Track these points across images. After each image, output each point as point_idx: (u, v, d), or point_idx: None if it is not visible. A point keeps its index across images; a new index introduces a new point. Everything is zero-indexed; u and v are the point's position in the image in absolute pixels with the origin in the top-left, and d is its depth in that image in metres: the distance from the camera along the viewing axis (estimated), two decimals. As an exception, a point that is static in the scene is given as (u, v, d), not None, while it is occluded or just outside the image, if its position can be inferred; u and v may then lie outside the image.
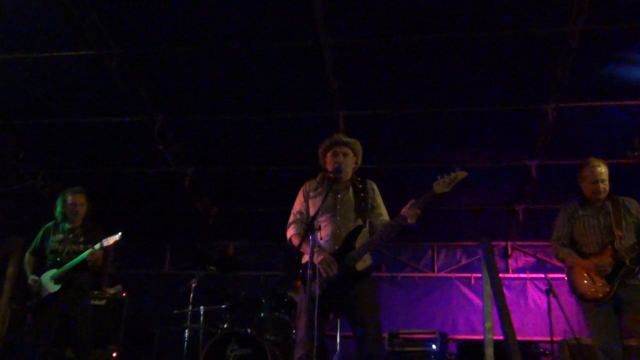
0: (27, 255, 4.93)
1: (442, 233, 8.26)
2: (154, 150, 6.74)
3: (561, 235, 4.30)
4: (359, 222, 3.79)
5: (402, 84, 6.06)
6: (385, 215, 3.90)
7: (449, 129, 6.53)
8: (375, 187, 4.00)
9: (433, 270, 8.42)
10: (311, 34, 5.39)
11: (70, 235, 4.91)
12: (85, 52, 5.62)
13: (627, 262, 3.90)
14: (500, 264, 8.41)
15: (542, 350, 5.38)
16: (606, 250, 4.02)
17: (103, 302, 5.65)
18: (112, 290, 5.95)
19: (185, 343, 5.69)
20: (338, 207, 3.80)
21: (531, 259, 8.32)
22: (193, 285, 5.80)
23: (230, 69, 5.98)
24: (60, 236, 4.92)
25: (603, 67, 5.27)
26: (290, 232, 3.90)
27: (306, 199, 3.95)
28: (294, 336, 5.40)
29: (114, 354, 5.37)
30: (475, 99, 6.09)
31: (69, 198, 5.01)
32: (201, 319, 5.67)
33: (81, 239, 4.88)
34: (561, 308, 5.42)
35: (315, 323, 3.26)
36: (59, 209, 5.00)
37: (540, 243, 8.29)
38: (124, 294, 5.93)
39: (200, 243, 8.74)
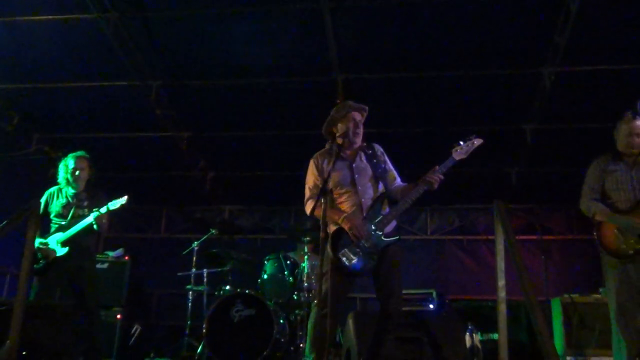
0: (31, 219, 4.97)
1: (435, 196, 8.35)
2: (151, 115, 6.72)
3: (592, 190, 4.20)
4: (380, 189, 3.86)
5: (399, 47, 6.06)
6: (398, 178, 3.97)
7: (444, 92, 6.57)
8: (382, 150, 4.06)
9: (426, 233, 8.58)
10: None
11: (75, 200, 4.94)
12: (83, 16, 5.53)
13: None
14: (491, 226, 8.58)
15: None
16: (638, 207, 3.94)
17: (106, 265, 5.72)
18: (114, 254, 6.01)
19: (189, 305, 5.79)
20: (357, 176, 3.84)
21: (522, 222, 8.49)
22: (195, 248, 5.87)
23: (229, 34, 5.94)
24: (64, 201, 4.95)
25: (601, 31, 5.29)
26: (310, 207, 3.83)
27: (321, 172, 3.91)
28: (295, 297, 5.55)
29: (118, 316, 5.45)
30: (472, 63, 6.12)
31: (71, 163, 5.02)
32: (204, 280, 5.76)
33: (85, 203, 4.91)
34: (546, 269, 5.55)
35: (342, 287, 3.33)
36: (62, 173, 5.01)
37: (531, 206, 8.49)
38: (127, 257, 5.99)
39: (196, 207, 8.83)
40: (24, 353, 2.80)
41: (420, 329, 2.80)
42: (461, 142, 3.74)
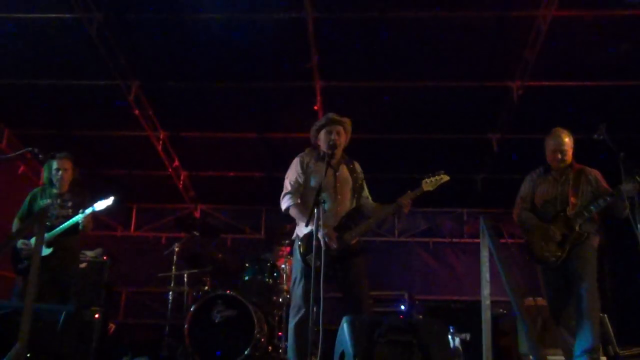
0: (15, 221, 4.99)
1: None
2: (128, 114, 6.76)
3: (523, 200, 4.55)
4: (355, 203, 4.07)
5: (376, 57, 6.27)
6: (368, 197, 4.20)
7: (415, 102, 6.82)
8: (360, 169, 4.28)
9: (394, 235, 8.85)
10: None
11: (58, 200, 4.96)
12: (66, 15, 5.55)
13: (577, 228, 4.17)
14: (456, 229, 8.95)
15: (500, 310, 5.87)
16: (559, 217, 4.26)
17: (84, 265, 5.74)
18: (92, 254, 6.03)
19: (169, 305, 5.87)
20: (338, 185, 4.04)
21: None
22: (176, 249, 5.95)
23: (209, 37, 6.02)
24: (47, 201, 4.97)
25: (570, 50, 5.62)
26: (287, 203, 4.05)
27: (304, 170, 4.11)
28: (274, 299, 5.70)
29: (96, 316, 5.48)
30: (445, 75, 6.39)
31: (55, 164, 5.03)
32: (185, 281, 5.85)
33: (69, 204, 4.94)
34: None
35: (317, 290, 3.50)
36: (46, 174, 5.04)
37: (494, 211, 8.86)
38: (105, 257, 6.02)
39: (168, 206, 8.87)
40: (28, 355, 2.86)
41: (410, 333, 3.00)
42: (430, 176, 4.04)
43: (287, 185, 4.13)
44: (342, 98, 6.58)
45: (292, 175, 4.15)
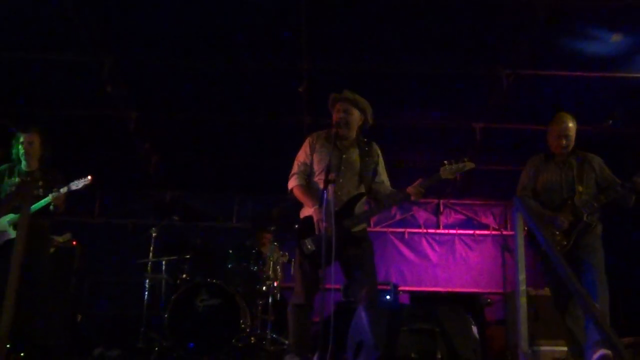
0: (-21, 199, 4.55)
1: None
2: (98, 92, 6.32)
3: (524, 188, 4.42)
4: (362, 188, 3.85)
5: (366, 39, 6.06)
6: (386, 182, 3.99)
7: (403, 87, 6.65)
8: (380, 152, 4.04)
9: (369, 225, 8.69)
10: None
11: (28, 179, 4.56)
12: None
13: (585, 217, 4.07)
14: (431, 220, 8.88)
15: (488, 300, 5.79)
16: (566, 206, 4.16)
17: (52, 250, 5.32)
18: (61, 239, 5.62)
19: (146, 294, 5.52)
20: (342, 168, 3.83)
21: (461, 216, 8.83)
22: (153, 235, 5.60)
23: (191, 12, 5.68)
24: (16, 179, 4.57)
25: (565, 39, 5.54)
26: (293, 183, 3.90)
27: (312, 150, 3.92)
28: (258, 287, 5.45)
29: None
30: (434, 60, 6.22)
31: (22, 137, 4.64)
32: (163, 268, 5.52)
33: (40, 183, 4.54)
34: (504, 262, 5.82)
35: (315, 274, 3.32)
36: (14, 150, 4.63)
37: (470, 202, 8.83)
38: (74, 243, 5.62)
39: (136, 191, 8.46)
40: (8, 346, 2.53)
41: (432, 321, 2.81)
42: (452, 162, 3.82)
43: (295, 166, 3.97)
44: (330, 79, 6.32)
45: (301, 155, 4.00)
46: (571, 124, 4.31)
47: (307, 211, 3.78)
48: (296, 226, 3.83)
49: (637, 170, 3.95)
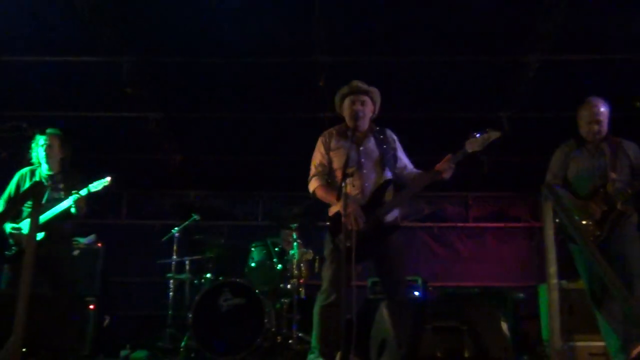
0: (0, 203, 4.57)
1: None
2: (119, 93, 6.32)
3: (554, 177, 4.24)
4: (387, 176, 3.75)
5: (384, 31, 5.93)
6: (409, 165, 3.88)
7: (424, 78, 6.49)
8: (395, 137, 3.95)
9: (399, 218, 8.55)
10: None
11: (49, 182, 4.56)
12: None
13: (619, 206, 3.86)
14: (460, 213, 8.69)
15: (521, 294, 5.61)
16: (599, 194, 3.95)
17: (77, 252, 5.33)
18: (85, 241, 5.63)
19: (170, 294, 5.50)
20: (363, 160, 3.74)
21: (490, 209, 8.62)
22: (176, 235, 5.57)
23: (207, 12, 5.63)
24: (38, 182, 4.55)
25: (591, 21, 5.32)
26: (314, 184, 3.80)
27: (327, 150, 3.84)
28: (282, 285, 5.37)
29: (91, 306, 5.11)
30: (457, 49, 6.06)
31: (42, 141, 4.64)
32: (187, 268, 5.48)
33: (61, 186, 4.56)
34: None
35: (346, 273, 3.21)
36: (34, 153, 4.63)
37: (499, 194, 8.61)
38: (99, 244, 5.63)
39: (160, 192, 8.47)
40: (24, 350, 2.50)
41: (458, 318, 2.68)
42: (477, 134, 3.67)
43: (312, 168, 3.89)
44: (348, 73, 6.19)
45: (316, 157, 3.91)
46: (603, 109, 4.11)
47: (335, 208, 3.68)
48: (327, 223, 3.72)
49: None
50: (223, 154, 7.79)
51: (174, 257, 5.54)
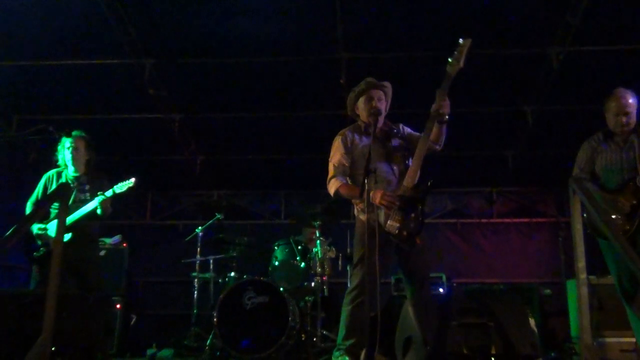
0: (28, 205, 4.65)
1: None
2: (142, 95, 6.39)
3: (582, 170, 4.15)
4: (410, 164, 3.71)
5: (406, 26, 5.88)
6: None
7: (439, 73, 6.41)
8: (409, 129, 3.94)
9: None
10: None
11: (76, 184, 4.62)
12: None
13: None
14: (484, 209, 8.59)
15: (548, 290, 5.54)
16: (628, 187, 3.86)
17: (103, 252, 5.40)
18: (111, 241, 5.70)
19: (195, 293, 5.54)
20: (385, 155, 3.72)
21: (515, 204, 8.51)
22: (200, 234, 5.61)
23: (228, 11, 5.65)
24: (65, 184, 4.62)
25: (615, 11, 5.21)
26: (336, 185, 3.72)
27: (347, 150, 3.78)
28: (305, 283, 5.37)
29: (118, 306, 5.17)
30: (479, 42, 5.96)
31: (68, 143, 4.71)
32: (210, 267, 5.51)
33: (87, 187, 4.60)
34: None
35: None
36: (60, 155, 4.70)
37: (524, 189, 8.50)
38: (124, 245, 5.69)
39: (184, 192, 8.55)
40: (52, 349, 2.53)
41: (485, 314, 2.65)
42: (451, 55, 3.55)
43: (331, 169, 3.80)
44: (371, 70, 6.16)
45: (335, 157, 3.82)
46: (631, 100, 4.00)
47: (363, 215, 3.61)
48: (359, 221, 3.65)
49: None
50: (244, 153, 7.83)
51: (198, 256, 5.56)
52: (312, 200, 6.78)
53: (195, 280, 5.56)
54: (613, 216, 3.85)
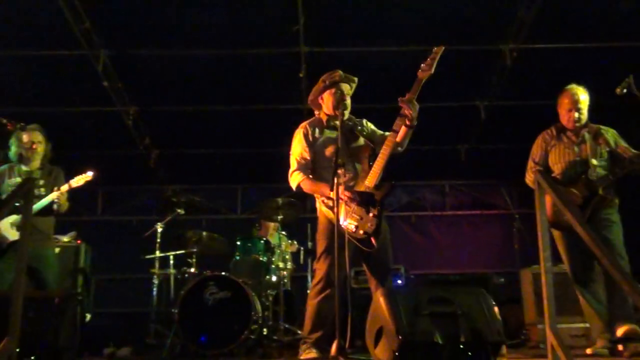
0: (-21, 201, 4.45)
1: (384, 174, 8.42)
2: (95, 87, 6.20)
3: (536, 163, 4.28)
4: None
5: (364, 22, 5.93)
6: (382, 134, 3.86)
7: (401, 67, 6.49)
8: (371, 125, 3.98)
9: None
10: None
11: (29, 178, 4.44)
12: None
13: (600, 191, 3.93)
14: (437, 202, 8.79)
15: (501, 279, 5.72)
16: (580, 180, 4.01)
17: (57, 250, 5.23)
18: (65, 238, 5.53)
19: (155, 289, 5.44)
20: (352, 148, 3.73)
21: (466, 197, 8.74)
22: (159, 229, 5.51)
23: (186, 2, 5.54)
24: (16, 179, 4.45)
25: (568, 9, 5.40)
26: (298, 179, 3.72)
27: (309, 143, 3.78)
28: (267, 277, 5.37)
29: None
30: (435, 39, 6.07)
31: (24, 137, 4.53)
32: (170, 263, 5.43)
33: (41, 182, 4.45)
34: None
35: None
36: (13, 149, 4.51)
37: (475, 182, 8.73)
38: (79, 242, 5.53)
39: (137, 187, 8.37)
40: (17, 350, 2.45)
41: (454, 304, 2.72)
42: (424, 61, 3.64)
43: (293, 162, 3.79)
44: (329, 64, 6.17)
45: (297, 150, 3.81)
46: (583, 97, 4.17)
47: (325, 203, 3.65)
48: (323, 210, 3.67)
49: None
50: (201, 147, 7.73)
51: (157, 252, 5.46)
52: (270, 195, 6.75)
53: (155, 276, 5.45)
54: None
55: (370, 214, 3.49)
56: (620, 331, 3.60)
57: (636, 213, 4.77)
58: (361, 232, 3.44)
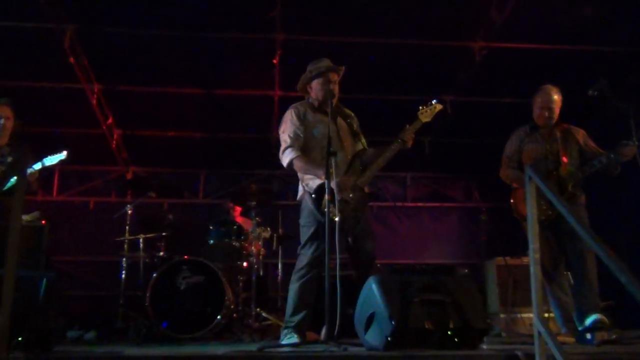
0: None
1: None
2: (60, 63, 5.99)
3: (510, 159, 4.46)
4: (358, 148, 3.85)
5: (338, 12, 5.95)
6: (365, 146, 4.00)
7: (372, 60, 6.57)
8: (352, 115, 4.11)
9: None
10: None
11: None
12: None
13: (570, 188, 4.13)
14: (398, 193, 8.94)
15: (465, 270, 5.88)
16: (551, 176, 4.17)
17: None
18: (28, 217, 5.33)
19: (123, 272, 5.33)
20: (341, 134, 3.87)
21: (427, 189, 8.93)
22: (129, 212, 5.40)
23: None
24: (-16, 157, 4.27)
25: (538, 11, 5.57)
26: (289, 156, 3.77)
27: (302, 122, 3.86)
28: (239, 262, 5.35)
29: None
30: (407, 32, 6.17)
31: (-6, 111, 4.34)
32: (140, 247, 5.33)
33: (9, 159, 4.28)
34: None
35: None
36: (-21, 124, 4.31)
37: (436, 175, 8.92)
38: (43, 222, 5.35)
39: (95, 168, 8.14)
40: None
41: (443, 292, 2.82)
42: (424, 106, 3.96)
43: (286, 139, 3.84)
44: (303, 51, 6.17)
45: (289, 127, 3.87)
46: (555, 97, 4.35)
47: (317, 181, 3.69)
48: (312, 195, 3.68)
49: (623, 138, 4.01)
50: (165, 130, 7.58)
51: (127, 235, 5.36)
52: (234, 181, 6.71)
53: (123, 260, 5.35)
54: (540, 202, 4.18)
55: (352, 212, 3.66)
56: (588, 320, 3.79)
57: (601, 209, 4.99)
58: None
